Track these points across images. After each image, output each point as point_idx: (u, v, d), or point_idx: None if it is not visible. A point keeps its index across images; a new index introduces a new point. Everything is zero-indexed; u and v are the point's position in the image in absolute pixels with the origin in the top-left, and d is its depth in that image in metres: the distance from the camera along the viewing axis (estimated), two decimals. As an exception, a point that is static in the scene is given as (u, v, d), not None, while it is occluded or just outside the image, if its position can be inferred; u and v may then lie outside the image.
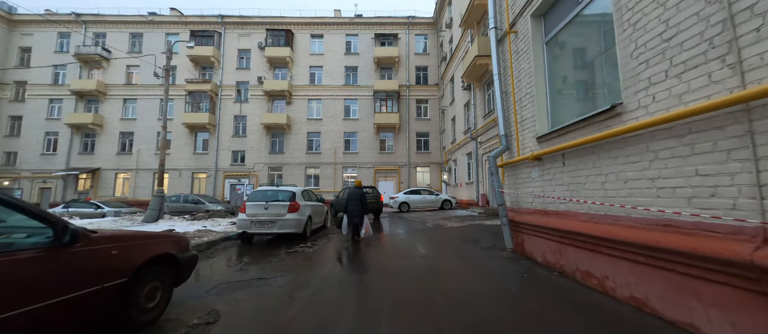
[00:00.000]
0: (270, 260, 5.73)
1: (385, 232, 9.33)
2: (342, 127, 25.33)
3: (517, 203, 5.57)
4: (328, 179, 24.75)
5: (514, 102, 5.54)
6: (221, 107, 25.24)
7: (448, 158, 22.90)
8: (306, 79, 25.73)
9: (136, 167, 24.45)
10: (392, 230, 9.78)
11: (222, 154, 24.85)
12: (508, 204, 5.65)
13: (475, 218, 12.32)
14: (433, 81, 25.95)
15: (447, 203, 17.49)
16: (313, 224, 8.65)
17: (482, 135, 15.80)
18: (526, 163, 5.16)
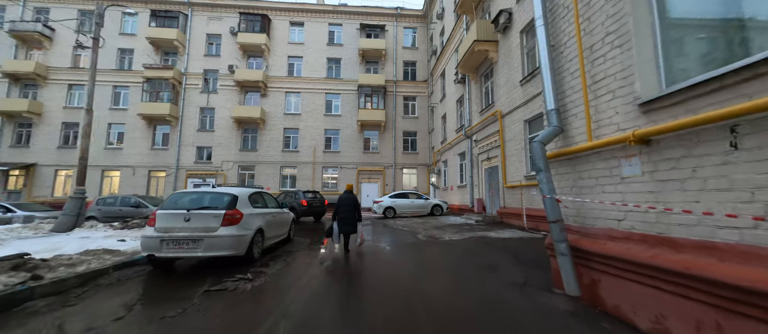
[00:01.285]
0: (167, 309, 3.30)
1: (366, 250, 6.98)
2: (323, 124, 22.82)
3: (583, 219, 3.41)
4: (306, 179, 22.13)
5: (580, 53, 3.37)
6: (185, 98, 22.11)
7: (437, 159, 20.87)
8: (283, 69, 23.06)
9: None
10: (375, 246, 7.47)
11: (185, 150, 21.70)
12: (555, 217, 3.45)
13: (474, 227, 10.22)
14: (422, 77, 23.96)
15: (437, 208, 15.37)
16: (268, 240, 6.21)
17: (478, 133, 13.81)
18: (609, 152, 3.00)
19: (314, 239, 8.52)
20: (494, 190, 12.08)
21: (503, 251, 6.20)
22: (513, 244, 7.02)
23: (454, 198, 17.19)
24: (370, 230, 10.57)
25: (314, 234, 9.70)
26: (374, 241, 8.22)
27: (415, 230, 10.00)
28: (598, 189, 3.13)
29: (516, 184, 10.43)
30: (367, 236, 9.11)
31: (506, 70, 11.33)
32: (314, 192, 15.67)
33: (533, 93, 9.53)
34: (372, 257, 6.16)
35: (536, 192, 9.16)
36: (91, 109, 10.86)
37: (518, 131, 10.42)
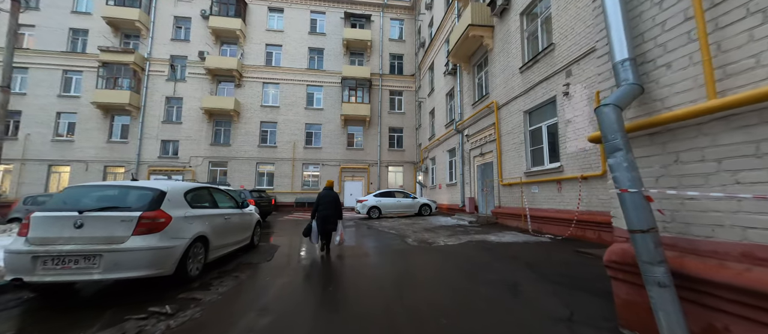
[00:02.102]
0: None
1: (349, 261, 5.60)
2: (303, 118, 21.13)
3: (685, 227, 2.16)
4: (284, 177, 20.38)
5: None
6: (149, 86, 19.79)
7: (424, 157, 19.72)
8: (261, 58, 21.18)
9: (23, 157, 18.14)
10: (358, 251, 6.10)
11: (148, 143, 19.40)
12: (643, 224, 2.21)
13: (469, 229, 9.05)
14: (409, 71, 22.75)
15: (425, 208, 14.16)
16: (216, 251, 4.69)
17: (470, 127, 12.71)
18: (756, 113, 1.75)
19: (282, 243, 7.04)
20: (488, 188, 10.99)
21: (514, 262, 5.00)
22: (521, 251, 5.86)
23: (442, 197, 16.06)
24: (353, 233, 9.18)
25: (278, 236, 8.19)
26: (357, 245, 6.84)
27: (404, 233, 8.70)
28: (721, 178, 1.90)
29: (514, 181, 9.36)
30: (350, 240, 7.73)
31: (503, 57, 10.25)
32: (260, 191, 14.49)
33: (535, 80, 8.47)
34: (355, 271, 4.78)
35: (538, 189, 8.10)
36: (7, 87, 8.77)
37: (517, 123, 9.35)
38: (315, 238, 5.93)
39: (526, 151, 8.93)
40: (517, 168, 9.29)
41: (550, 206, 7.77)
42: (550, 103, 8.05)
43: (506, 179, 9.88)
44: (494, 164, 10.72)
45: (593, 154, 6.47)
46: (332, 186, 6.41)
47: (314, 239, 5.93)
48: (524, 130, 9.03)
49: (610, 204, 5.72)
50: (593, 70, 6.48)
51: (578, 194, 6.75)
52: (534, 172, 8.45)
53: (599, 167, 6.30)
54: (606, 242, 6.04)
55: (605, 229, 6.08)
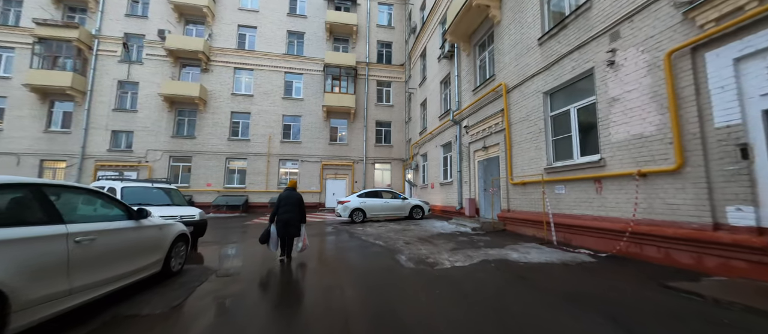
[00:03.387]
0: None
1: (308, 288, 3.51)
2: (281, 109, 18.71)
3: None
4: (258, 174, 17.92)
5: None
6: (97, 67, 16.86)
7: (414, 153, 17.75)
8: (232, 41, 18.59)
9: (-65, 148, 14.88)
10: (330, 279, 3.97)
11: (95, 134, 16.49)
12: None
13: (475, 240, 7.10)
14: (399, 61, 20.72)
15: (417, 210, 12.17)
16: (37, 306, 2.40)
17: (470, 116, 10.81)
18: None
19: (227, 262, 4.83)
20: (495, 188, 9.08)
21: (578, 307, 3.03)
22: (569, 281, 3.92)
23: (436, 198, 14.12)
24: (329, 244, 7.06)
25: (227, 248, 5.94)
26: (330, 267, 4.72)
27: (394, 246, 6.64)
28: None
29: (528, 179, 7.48)
30: (321, 256, 5.61)
31: (515, 29, 8.36)
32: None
33: (560, 52, 6.60)
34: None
35: (566, 190, 6.24)
36: None
37: (534, 108, 7.47)
38: (274, 245, 5.31)
39: (547, 143, 7.05)
40: (534, 163, 7.41)
41: (584, 212, 5.91)
42: (583, 78, 6.19)
43: (518, 176, 7.99)
44: (501, 159, 8.83)
45: (657, 141, 4.62)
46: (295, 186, 5.80)
47: (273, 246, 5.31)
48: (544, 116, 7.16)
49: (685, 211, 3.84)
50: (659, 25, 4.63)
51: (634, 196, 4.89)
52: (558, 168, 6.58)
53: (669, 158, 4.45)
54: (683, 265, 4.19)
55: (679, 246, 4.24)
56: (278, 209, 5.34)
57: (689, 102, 4.25)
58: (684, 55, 4.32)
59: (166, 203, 7.36)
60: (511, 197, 8.37)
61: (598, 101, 5.68)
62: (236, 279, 4.34)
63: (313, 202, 18.23)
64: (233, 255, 6.23)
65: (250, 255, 6.25)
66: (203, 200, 16.92)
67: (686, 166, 4.25)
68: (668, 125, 4.47)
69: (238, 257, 6.00)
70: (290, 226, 5.29)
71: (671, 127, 4.40)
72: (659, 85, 4.62)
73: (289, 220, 5.27)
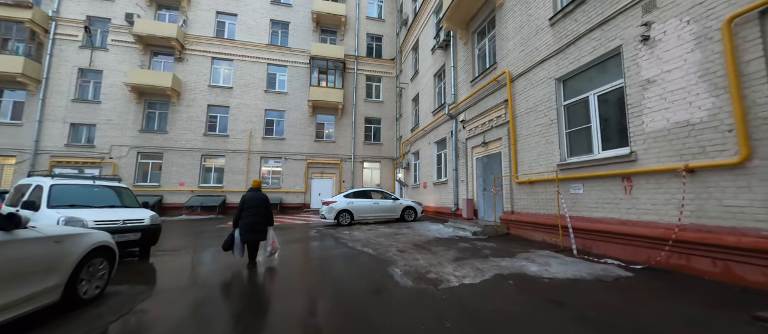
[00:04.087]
0: None
1: (276, 316, 2.38)
2: (263, 103, 17.33)
3: None
4: (237, 173, 16.48)
5: None
6: (55, 53, 15.04)
7: (405, 151, 16.76)
8: (210, 28, 17.08)
9: None
10: (305, 303, 2.85)
11: (51, 127, 14.68)
12: None
13: (478, 246, 6.15)
14: (389, 55, 19.70)
15: (409, 211, 11.15)
16: None
17: (468, 110, 9.90)
18: None
19: (169, 280, 3.64)
20: (497, 187, 8.16)
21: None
22: (616, 305, 2.96)
23: (428, 198, 13.15)
24: (312, 252, 5.95)
25: (180, 259, 4.71)
26: (308, 284, 3.60)
27: (386, 254, 5.59)
28: None
29: (537, 177, 6.58)
30: (311, 261, 4.50)
31: (521, 11, 7.47)
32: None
33: (578, 31, 5.73)
34: None
35: (584, 189, 5.35)
36: None
37: (544, 97, 6.58)
38: (238, 252, 4.89)
39: (561, 135, 6.17)
40: (544, 159, 6.51)
41: (609, 215, 5.02)
42: (607, 60, 5.32)
43: (524, 174, 7.09)
44: (504, 156, 7.92)
45: (709, 129, 3.76)
46: (260, 187, 5.29)
47: (237, 253, 4.88)
48: (556, 106, 6.27)
49: (752, 215, 2.96)
50: (712, -13, 3.77)
51: (678, 196, 4.01)
52: (575, 164, 5.70)
53: (728, 149, 3.58)
54: (752, 283, 3.31)
55: (743, 258, 3.36)
56: (242, 212, 4.92)
57: (758, 79, 3.38)
58: (750, 21, 3.46)
59: (112, 204, 6.05)
60: (515, 198, 7.46)
61: (628, 85, 4.80)
62: (174, 302, 3.16)
63: (297, 203, 16.96)
64: (188, 266, 5.02)
65: (209, 265, 5.05)
66: (175, 200, 15.37)
67: (753, 158, 3.39)
68: (726, 109, 3.60)
69: (192, 269, 4.80)
70: (256, 231, 4.89)
71: (732, 112, 3.53)
72: (712, 61, 3.76)
73: (254, 224, 4.87)
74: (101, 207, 5.76)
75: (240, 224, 4.86)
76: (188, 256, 5.95)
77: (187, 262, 5.47)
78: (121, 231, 5.24)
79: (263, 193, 5.17)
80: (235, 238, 4.82)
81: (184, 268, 5.05)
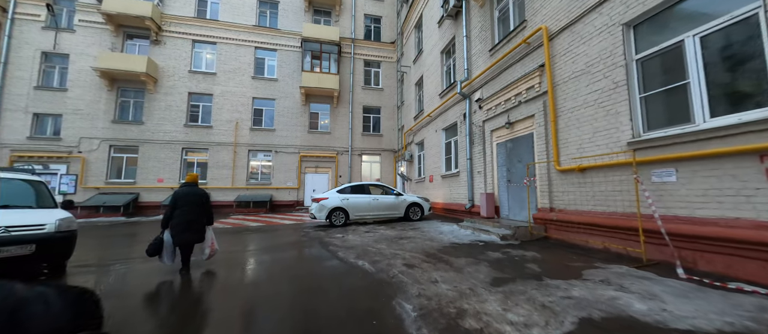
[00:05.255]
0: None
1: None
2: (250, 90, 15.51)
3: None
4: (223, 168, 14.70)
5: None
6: (14, 34, 13.21)
7: (408, 142, 14.94)
8: (190, 8, 15.21)
9: None
10: None
11: (10, 117, 12.88)
12: None
13: (514, 257, 4.39)
14: (389, 38, 17.81)
15: (415, 209, 9.35)
16: None
17: (485, 86, 8.07)
18: None
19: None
20: (530, 177, 6.32)
21: None
22: None
23: (436, 194, 11.35)
24: (288, 262, 4.18)
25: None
26: (273, 321, 1.88)
27: (389, 271, 3.82)
28: None
29: (592, 163, 4.79)
30: (282, 284, 2.71)
31: (561, -54, 5.60)
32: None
33: (662, -50, 3.86)
34: None
35: (681, 177, 3.52)
36: None
37: (602, 53, 4.75)
38: (168, 257, 4.15)
39: (633, 102, 4.35)
40: (603, 137, 4.70)
41: (731, 214, 3.23)
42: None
43: (573, 158, 5.28)
44: (539, 137, 6.11)
45: None
46: (196, 181, 4.56)
47: (167, 258, 4.14)
48: (625, 61, 4.44)
49: None
50: None
51: None
52: (660, 140, 3.89)
53: None
54: None
55: None
56: (174, 210, 4.20)
57: None
58: None
59: (16, 203, 4.27)
60: (556, 190, 5.65)
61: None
62: None
63: (289, 200, 15.19)
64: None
65: (138, 279, 3.26)
66: (153, 198, 13.61)
67: None
68: None
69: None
70: (190, 230, 4.19)
71: None
72: None
73: (189, 223, 4.19)
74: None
75: (171, 224, 4.15)
76: (115, 268, 4.17)
77: (105, 278, 3.69)
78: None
79: (201, 189, 4.52)
80: (165, 241, 4.14)
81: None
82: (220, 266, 4.50)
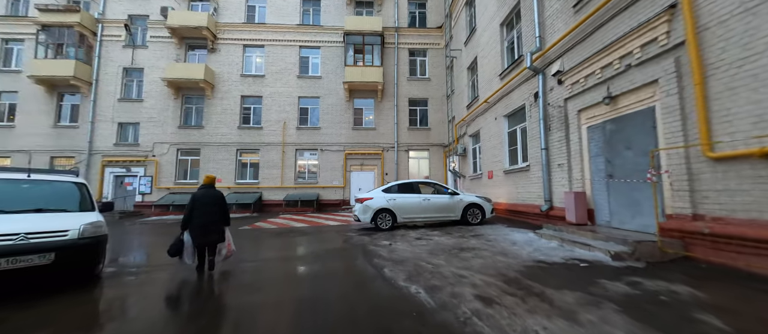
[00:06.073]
0: None
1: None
2: (296, 90, 15.42)
3: None
4: (272, 168, 14.85)
5: None
6: (102, 54, 14.98)
7: (460, 134, 13.25)
8: (240, 15, 15.66)
9: (-47, 147, 14.00)
10: None
11: (102, 127, 14.64)
12: None
13: (648, 287, 2.75)
14: (435, 22, 16.23)
15: (474, 211, 7.80)
16: None
17: (571, 52, 6.20)
18: None
19: None
20: (657, 170, 4.39)
21: None
22: None
23: (496, 192, 9.58)
24: (327, 281, 3.15)
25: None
26: None
27: (457, 309, 2.51)
28: None
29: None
30: (312, 312, 1.69)
31: None
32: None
33: None
34: None
35: None
36: None
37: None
38: (189, 257, 4.08)
39: None
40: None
41: None
42: None
43: (742, 138, 3.32)
44: (666, 112, 4.19)
45: None
46: (213, 183, 4.46)
47: (188, 258, 4.08)
48: None
49: None
50: None
51: None
52: None
53: None
54: None
55: None
56: (192, 211, 4.11)
57: None
58: None
59: (47, 206, 4.06)
60: (705, 189, 3.72)
61: None
62: None
63: (335, 199, 14.72)
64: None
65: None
66: (212, 197, 14.23)
67: None
68: None
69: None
70: (209, 232, 4.11)
71: None
72: None
73: (207, 225, 4.09)
74: (24, 211, 3.79)
75: (191, 226, 4.11)
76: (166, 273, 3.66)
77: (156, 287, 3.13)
78: (8, 254, 3.12)
79: (218, 190, 4.41)
80: (186, 241, 4.07)
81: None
82: (241, 284, 3.72)
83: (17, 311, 2.84)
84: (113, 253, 5.79)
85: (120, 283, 3.87)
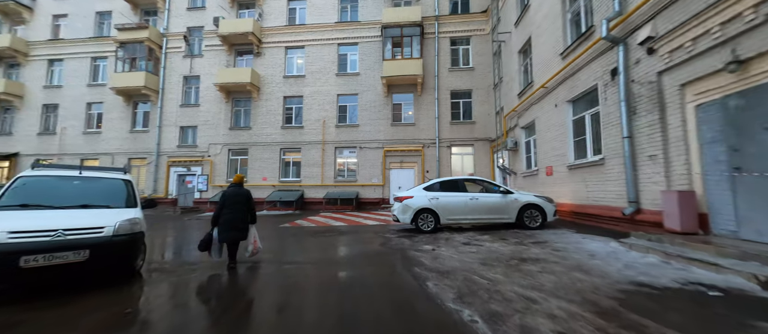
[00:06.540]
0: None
1: None
2: (334, 88, 15.35)
3: None
4: (313, 166, 14.98)
5: None
6: (167, 65, 16.55)
7: (509, 127, 11.84)
8: (282, 18, 16.08)
9: (59, 152, 16.65)
10: None
11: (166, 131, 16.18)
12: None
13: None
14: (480, 7, 14.87)
15: (532, 213, 6.65)
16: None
17: (666, 11, 4.75)
18: None
19: None
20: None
21: None
22: None
23: (558, 191, 8.17)
24: (355, 291, 2.59)
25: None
26: None
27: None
28: None
29: None
30: None
31: None
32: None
33: None
34: None
35: None
36: None
37: None
38: (216, 252, 4.30)
39: None
40: None
41: None
42: None
43: None
44: None
45: None
46: (242, 182, 4.63)
47: (215, 254, 4.30)
48: None
49: None
50: None
51: None
52: None
53: None
54: None
55: None
56: (222, 208, 4.29)
57: None
58: None
59: (94, 203, 4.14)
60: None
61: None
62: None
63: (375, 198, 14.32)
64: None
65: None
66: (259, 195, 14.72)
67: None
68: None
69: None
70: (235, 228, 4.25)
71: None
72: None
73: (234, 221, 4.24)
74: (70, 207, 3.89)
75: (220, 222, 4.26)
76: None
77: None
78: (45, 250, 3.11)
79: (246, 189, 4.56)
80: (214, 237, 4.26)
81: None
82: (259, 292, 3.33)
83: (36, 311, 2.75)
84: (162, 248, 5.96)
85: (153, 280, 3.75)
